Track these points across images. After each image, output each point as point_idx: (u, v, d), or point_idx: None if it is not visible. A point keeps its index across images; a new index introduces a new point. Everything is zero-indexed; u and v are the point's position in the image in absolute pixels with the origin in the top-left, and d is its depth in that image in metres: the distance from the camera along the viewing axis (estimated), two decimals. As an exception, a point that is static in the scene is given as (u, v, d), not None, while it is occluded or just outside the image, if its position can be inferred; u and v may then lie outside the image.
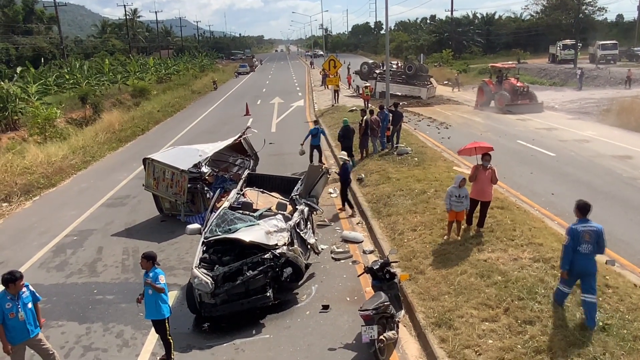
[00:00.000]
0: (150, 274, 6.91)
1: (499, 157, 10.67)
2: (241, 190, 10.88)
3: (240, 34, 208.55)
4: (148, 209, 13.65)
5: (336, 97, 32.08)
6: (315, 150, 16.70)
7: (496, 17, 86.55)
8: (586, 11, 70.76)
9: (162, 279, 6.92)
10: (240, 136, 14.47)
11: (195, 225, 9.27)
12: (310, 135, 16.66)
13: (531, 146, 19.44)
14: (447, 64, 59.73)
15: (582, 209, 6.89)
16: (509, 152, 18.25)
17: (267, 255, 8.33)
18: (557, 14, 70.79)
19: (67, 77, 42.10)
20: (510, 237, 9.48)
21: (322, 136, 17.09)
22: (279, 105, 35.38)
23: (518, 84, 28.96)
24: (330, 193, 14.51)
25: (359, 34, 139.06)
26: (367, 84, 32.89)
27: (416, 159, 16.20)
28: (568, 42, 56.83)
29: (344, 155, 13.65)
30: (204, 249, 8.52)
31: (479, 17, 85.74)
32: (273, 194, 11.05)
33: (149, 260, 6.94)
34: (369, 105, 30.67)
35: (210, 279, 7.94)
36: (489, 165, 9.65)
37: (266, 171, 14.04)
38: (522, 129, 23.21)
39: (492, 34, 79.21)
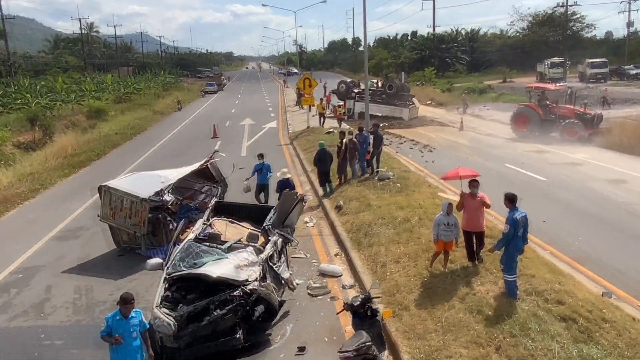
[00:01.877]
0: (136, 320, 6.98)
1: (486, 181, 10.84)
2: (208, 220, 10.79)
3: (207, 50, 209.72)
4: (104, 242, 13.40)
5: (322, 121, 32.16)
6: (262, 193, 15.49)
7: (481, 33, 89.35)
8: (574, 27, 73.54)
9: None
10: (207, 161, 14.43)
11: (157, 260, 9.12)
12: (255, 172, 15.64)
13: (520, 170, 19.85)
14: (429, 82, 61.03)
15: (512, 200, 8.79)
16: (497, 176, 18.60)
17: (237, 292, 8.23)
18: (544, 31, 73.41)
19: (14, 96, 41.54)
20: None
21: (270, 174, 15.77)
22: (249, 127, 35.51)
23: (582, 110, 26.74)
24: (306, 222, 14.50)
25: (335, 50, 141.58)
26: (341, 103, 33.43)
27: (398, 184, 16.35)
28: (556, 60, 58.81)
29: (284, 172, 14.22)
30: (167, 286, 8.38)
31: (463, 33, 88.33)
32: (243, 224, 10.99)
33: (130, 303, 6.94)
34: (342, 124, 31.12)
35: (173, 320, 7.79)
36: (477, 192, 9.77)
37: (236, 199, 14.00)
38: (510, 152, 23.74)
39: (476, 51, 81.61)
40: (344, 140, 17.26)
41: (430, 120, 35.37)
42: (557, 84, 34.06)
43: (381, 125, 27.13)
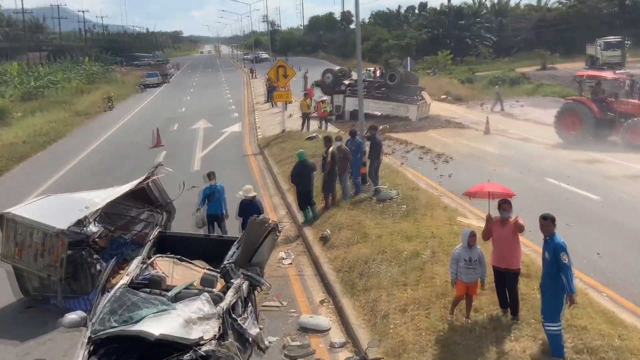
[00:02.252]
0: None
1: (521, 202, 10.94)
2: (148, 258, 10.73)
3: (147, 30, 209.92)
4: (6, 291, 13.23)
5: (306, 125, 32.08)
6: (212, 226, 15.27)
7: (511, 4, 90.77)
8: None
9: None
10: (146, 178, 14.34)
11: (78, 314, 9.03)
12: (204, 199, 15.35)
13: (566, 186, 20.08)
14: (444, 70, 61.70)
15: (554, 220, 9.08)
16: (535, 194, 18.74)
17: (187, 356, 8.17)
18: (596, 1, 74.33)
19: None
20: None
21: (222, 201, 15.43)
22: (205, 132, 35.56)
23: None
24: (282, 259, 14.49)
25: (319, 29, 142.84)
26: (324, 98, 33.64)
27: (404, 206, 16.43)
28: (612, 39, 59.56)
29: (248, 190, 14.30)
30: (91, 349, 8.28)
31: (488, 5, 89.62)
32: (196, 262, 10.94)
33: None
34: (327, 124, 31.17)
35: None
36: (509, 217, 9.84)
37: (186, 229, 13.93)
38: (552, 162, 24.03)
39: (506, 29, 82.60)
40: (331, 149, 17.33)
41: (446, 121, 35.74)
42: (616, 71, 34.28)
43: (381, 128, 27.27)
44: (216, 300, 9.24)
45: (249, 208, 14.34)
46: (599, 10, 73.97)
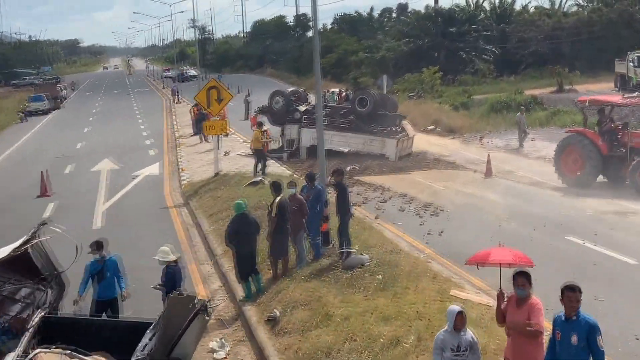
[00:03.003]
0: None
1: (535, 268, 11.01)
2: (26, 352, 10.50)
3: (31, 37, 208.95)
4: None
5: (258, 166, 31.02)
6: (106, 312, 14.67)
7: (517, 8, 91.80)
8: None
9: None
10: (27, 241, 14.08)
11: None
12: (89, 279, 14.82)
13: (592, 246, 20.27)
14: (432, 93, 62.31)
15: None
16: (554, 257, 18.90)
17: None
18: (626, 4, 75.53)
19: None
20: None
21: (117, 278, 14.86)
22: (110, 176, 35.32)
23: None
24: (215, 350, 14.27)
25: (266, 37, 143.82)
26: (265, 128, 33.46)
27: (380, 276, 16.37)
28: (647, 53, 60.75)
29: (166, 252, 14.17)
30: None
31: (487, 8, 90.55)
32: (96, 356, 10.74)
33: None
34: (264, 164, 30.73)
35: None
36: (526, 295, 9.71)
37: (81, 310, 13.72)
38: (573, 214, 24.28)
39: (511, 39, 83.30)
40: (278, 200, 17.29)
41: (435, 160, 36.17)
42: (626, 95, 34.56)
43: (348, 169, 27.43)
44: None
45: (169, 277, 14.22)
46: (631, 16, 74.27)
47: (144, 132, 53.33)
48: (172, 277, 14.23)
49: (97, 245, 14.86)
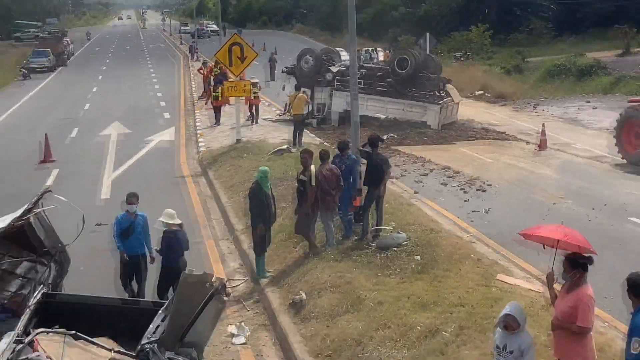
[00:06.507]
0: None
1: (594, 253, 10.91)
2: (25, 334, 10.59)
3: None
4: None
5: (298, 136, 31.35)
6: (130, 276, 15.79)
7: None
8: None
9: None
10: (27, 212, 14.17)
11: None
12: (121, 234, 15.59)
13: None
14: (481, 55, 61.85)
15: None
16: (613, 241, 18.77)
17: None
18: None
19: None
20: None
21: (146, 237, 15.95)
22: (119, 142, 35.35)
23: None
24: (233, 335, 14.39)
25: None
26: (255, 80, 33.44)
27: (418, 257, 16.40)
28: None
29: (170, 215, 14.68)
30: None
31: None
32: (99, 341, 10.81)
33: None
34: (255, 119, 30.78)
35: None
36: (572, 282, 9.70)
37: (88, 289, 13.78)
38: (637, 193, 24.01)
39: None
40: (311, 171, 17.28)
41: (483, 130, 36.14)
42: None
43: (385, 138, 27.31)
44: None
45: (170, 243, 14.47)
46: None
47: (158, 93, 53.32)
48: (168, 243, 14.94)
49: (132, 198, 15.63)
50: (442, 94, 36.58)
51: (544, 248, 10.11)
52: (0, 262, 14.31)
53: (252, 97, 33.74)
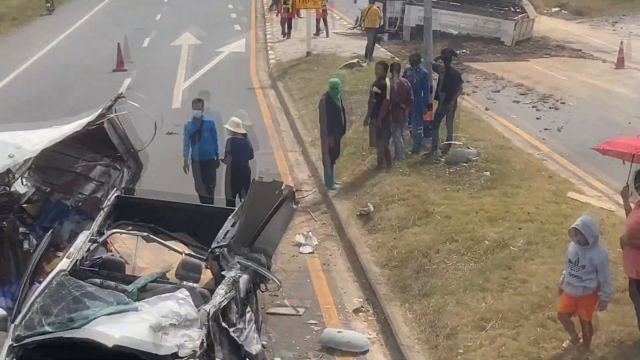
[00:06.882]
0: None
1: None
2: (101, 232, 10.83)
3: None
4: None
5: (370, 50, 30.97)
6: (208, 178, 16.22)
7: None
8: None
9: None
10: (102, 115, 14.32)
11: (-4, 312, 9.18)
12: (190, 138, 16.05)
13: None
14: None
15: None
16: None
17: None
18: None
19: None
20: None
21: (215, 140, 16.28)
22: (191, 51, 35.39)
23: None
24: (301, 244, 14.58)
25: None
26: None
27: (488, 173, 16.45)
28: None
29: (236, 123, 14.80)
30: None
31: None
32: (174, 241, 11.03)
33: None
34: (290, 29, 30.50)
35: None
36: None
37: (160, 189, 14.06)
38: None
39: None
40: (386, 84, 17.23)
41: (558, 47, 35.47)
42: None
43: (458, 53, 27.05)
44: (201, 298, 9.31)
45: (239, 149, 14.90)
46: None
47: (229, 5, 52.99)
48: (235, 148, 15.17)
49: (199, 101, 15.94)
50: (518, 10, 36.01)
51: (624, 163, 10.04)
52: (74, 166, 14.61)
53: (321, 11, 33.45)
